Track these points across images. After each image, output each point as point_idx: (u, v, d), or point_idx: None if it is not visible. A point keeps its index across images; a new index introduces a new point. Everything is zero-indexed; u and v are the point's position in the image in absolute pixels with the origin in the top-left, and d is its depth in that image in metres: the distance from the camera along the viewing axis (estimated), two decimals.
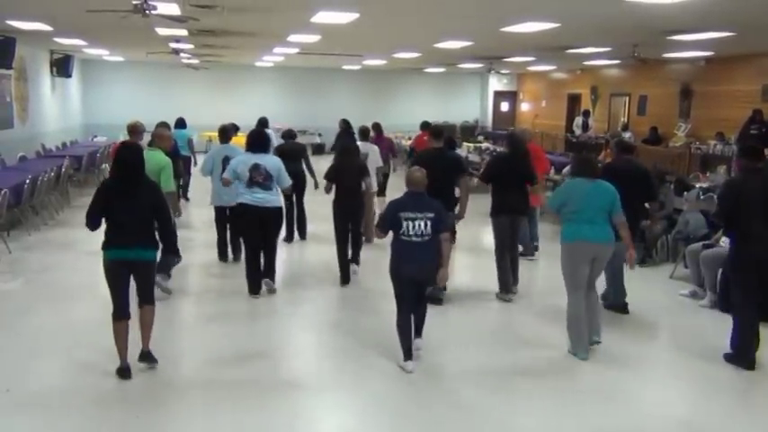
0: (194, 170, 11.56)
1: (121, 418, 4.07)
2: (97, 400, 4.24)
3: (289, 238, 8.74)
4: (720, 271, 6.30)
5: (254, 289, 6.44)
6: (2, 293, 6.44)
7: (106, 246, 4.52)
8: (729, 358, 5.08)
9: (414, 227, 4.67)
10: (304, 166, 8.56)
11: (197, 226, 9.40)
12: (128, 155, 4.56)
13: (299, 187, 8.45)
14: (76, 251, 8.01)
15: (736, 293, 5.16)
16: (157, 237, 4.68)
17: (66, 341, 5.21)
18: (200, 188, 10.88)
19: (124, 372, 4.54)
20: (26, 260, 7.60)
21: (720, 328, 5.39)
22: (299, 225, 8.84)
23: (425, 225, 4.68)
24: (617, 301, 6.24)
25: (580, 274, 5.10)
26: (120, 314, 4.53)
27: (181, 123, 11.64)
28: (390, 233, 4.84)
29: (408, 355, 4.81)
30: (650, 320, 6.13)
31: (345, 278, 6.98)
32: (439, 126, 7.47)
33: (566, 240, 5.17)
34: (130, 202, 4.46)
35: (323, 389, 4.58)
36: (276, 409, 4.22)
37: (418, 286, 4.87)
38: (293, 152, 8.35)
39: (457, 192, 6.63)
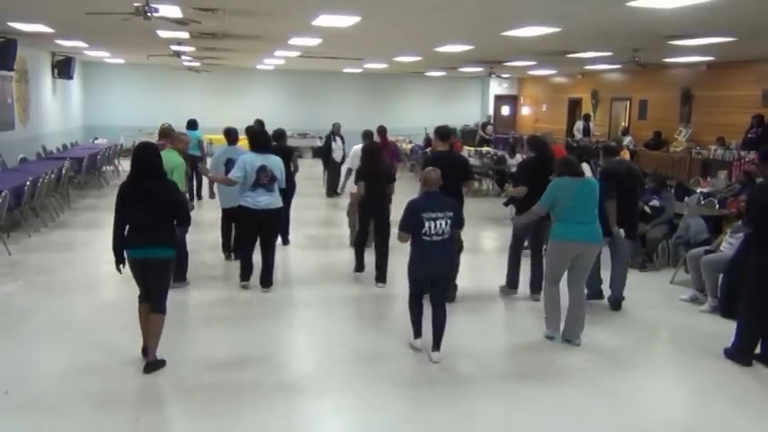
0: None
1: (121, 420, 4.05)
2: (97, 403, 4.23)
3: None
4: (721, 276, 6.31)
5: (244, 277, 6.69)
6: (2, 295, 6.43)
7: (126, 244, 4.61)
8: (729, 355, 5.18)
9: (435, 226, 4.81)
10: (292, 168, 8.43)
11: (205, 227, 9.34)
12: (143, 153, 4.62)
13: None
14: (76, 253, 8.02)
15: (753, 297, 5.10)
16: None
17: (65, 343, 5.20)
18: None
19: (146, 351, 4.75)
20: (26, 262, 7.59)
21: (721, 332, 5.39)
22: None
23: (446, 223, 4.82)
24: (595, 289, 6.36)
25: (560, 271, 5.43)
26: (144, 298, 4.78)
27: (192, 125, 11.98)
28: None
29: (418, 333, 5.14)
30: (650, 325, 6.12)
31: (359, 267, 7.23)
32: (445, 128, 7.32)
33: (554, 239, 5.40)
34: (147, 201, 4.53)
35: (323, 392, 4.56)
36: (276, 413, 4.20)
37: (436, 284, 4.99)
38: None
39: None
